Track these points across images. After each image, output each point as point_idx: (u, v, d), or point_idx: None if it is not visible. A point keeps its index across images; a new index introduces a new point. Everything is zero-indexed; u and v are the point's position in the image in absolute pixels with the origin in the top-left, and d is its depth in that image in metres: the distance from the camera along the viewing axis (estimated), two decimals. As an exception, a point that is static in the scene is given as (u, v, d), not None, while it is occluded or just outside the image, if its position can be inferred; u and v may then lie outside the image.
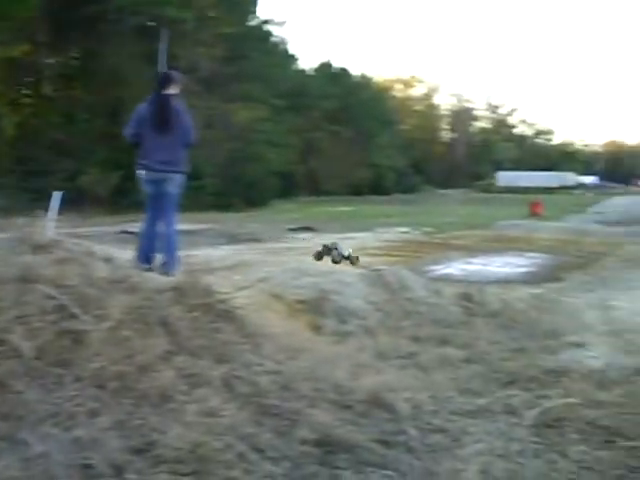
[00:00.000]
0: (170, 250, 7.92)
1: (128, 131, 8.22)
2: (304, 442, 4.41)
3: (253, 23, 52.59)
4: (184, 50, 41.51)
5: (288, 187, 53.59)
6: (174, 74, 8.50)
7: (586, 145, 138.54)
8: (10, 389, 3.92)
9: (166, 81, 8.28)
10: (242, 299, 6.36)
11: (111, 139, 29.82)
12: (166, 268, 7.43)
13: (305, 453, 4.33)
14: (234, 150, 43.09)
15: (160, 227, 8.05)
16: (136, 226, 9.18)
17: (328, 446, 4.47)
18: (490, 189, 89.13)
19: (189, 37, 42.87)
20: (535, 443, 5.07)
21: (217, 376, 4.66)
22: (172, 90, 8.21)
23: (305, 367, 5.39)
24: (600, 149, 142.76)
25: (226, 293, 5.96)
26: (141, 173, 8.09)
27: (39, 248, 5.64)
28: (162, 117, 8.02)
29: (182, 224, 8.61)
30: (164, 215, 8.06)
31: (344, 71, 74.62)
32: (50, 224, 7.49)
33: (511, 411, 5.69)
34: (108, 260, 5.99)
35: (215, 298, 5.65)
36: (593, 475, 4.60)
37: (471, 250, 21.88)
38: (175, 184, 8.06)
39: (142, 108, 8.21)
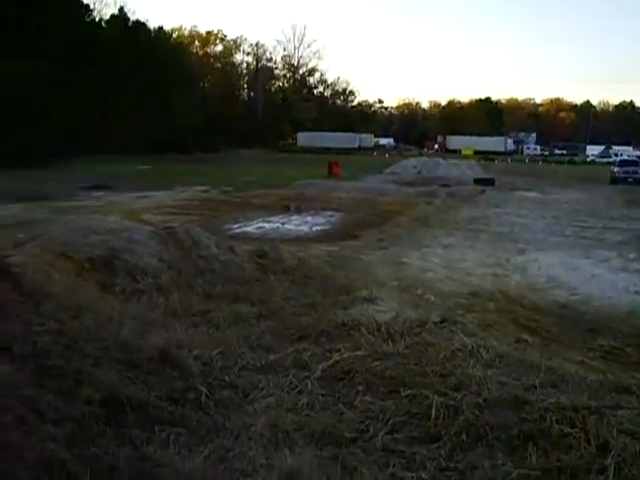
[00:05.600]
0: None
1: None
2: (89, 402, 4.26)
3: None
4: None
5: (81, 144, 51.53)
6: None
7: (383, 107, 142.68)
8: None
9: None
10: (23, 257, 6.04)
11: None
12: None
13: (90, 413, 4.18)
14: (16, 106, 40.61)
15: None
16: None
17: (115, 405, 4.35)
18: (290, 149, 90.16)
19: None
20: (324, 395, 5.17)
21: (-8, 336, 4.40)
22: None
23: (89, 326, 5.21)
24: (395, 111, 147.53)
25: (3, 251, 5.64)
26: None
27: None
28: None
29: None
30: None
31: (140, 24, 72.41)
32: None
33: (301, 365, 5.78)
34: None
35: (-9, 256, 5.33)
36: (378, 424, 4.73)
37: (270, 209, 22.02)
38: None
39: None
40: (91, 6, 65.32)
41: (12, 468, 3.42)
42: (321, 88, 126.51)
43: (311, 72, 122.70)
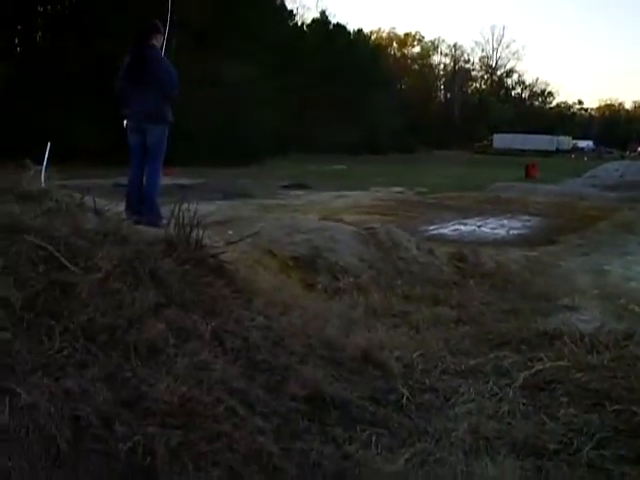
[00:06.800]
0: (148, 201, 7.89)
1: (116, 83, 8.20)
2: (294, 398, 4.38)
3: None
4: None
5: (280, 144, 53.01)
6: (156, 25, 8.33)
7: (583, 108, 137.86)
8: (-2, 339, 3.84)
9: (147, 32, 8.16)
10: (234, 254, 6.29)
11: (102, 92, 29.02)
12: (147, 219, 7.33)
13: (295, 409, 4.30)
14: (225, 106, 42.51)
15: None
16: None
17: (318, 402, 4.44)
18: (486, 150, 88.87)
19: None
20: (525, 404, 5.07)
21: (207, 330, 4.60)
22: (153, 41, 8.10)
23: (296, 323, 5.36)
24: (595, 113, 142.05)
25: (218, 247, 5.90)
26: (125, 123, 8.12)
27: (28, 198, 5.55)
28: (139, 68, 7.95)
29: (177, 178, 8.59)
30: (146, 166, 8.06)
31: (340, 27, 73.71)
32: (39, 175, 7.37)
33: (502, 372, 5.69)
34: (99, 212, 5.90)
35: (206, 252, 5.58)
36: (582, 438, 4.58)
37: (465, 211, 21.84)
38: (155, 134, 8.02)
39: (126, 60, 8.17)
40: (294, 11, 67.35)
41: (224, 457, 3.57)
42: (519, 89, 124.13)
43: (509, 73, 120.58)
